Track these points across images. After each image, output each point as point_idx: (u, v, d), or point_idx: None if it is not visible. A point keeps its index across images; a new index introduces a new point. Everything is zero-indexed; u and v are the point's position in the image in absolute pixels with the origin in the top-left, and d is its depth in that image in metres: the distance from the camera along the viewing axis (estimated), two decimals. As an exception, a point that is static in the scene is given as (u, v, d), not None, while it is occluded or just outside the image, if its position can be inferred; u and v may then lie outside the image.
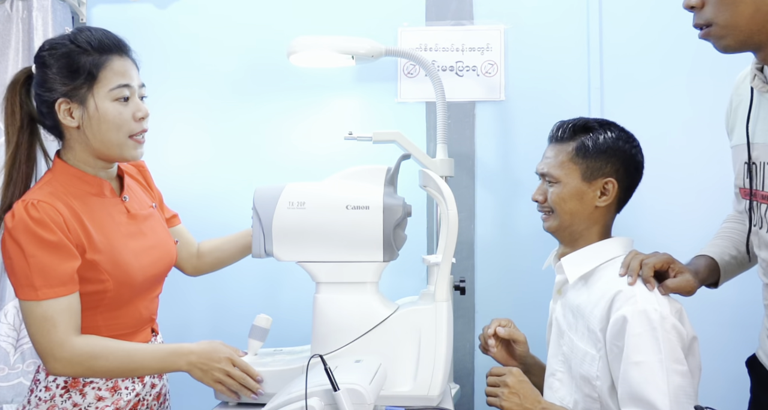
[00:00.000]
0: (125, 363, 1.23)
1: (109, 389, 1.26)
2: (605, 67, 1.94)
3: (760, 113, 1.15)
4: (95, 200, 1.28)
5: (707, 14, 1.06)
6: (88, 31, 1.26)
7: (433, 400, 1.34)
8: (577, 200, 1.35)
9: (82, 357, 1.19)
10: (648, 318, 1.19)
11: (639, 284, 1.25)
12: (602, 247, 1.36)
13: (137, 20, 2.02)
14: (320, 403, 1.10)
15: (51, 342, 1.18)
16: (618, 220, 1.42)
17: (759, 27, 1.04)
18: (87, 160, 1.28)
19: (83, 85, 1.23)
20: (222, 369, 1.28)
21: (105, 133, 1.24)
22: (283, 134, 2.01)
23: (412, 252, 1.65)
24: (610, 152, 1.35)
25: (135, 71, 1.29)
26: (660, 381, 1.16)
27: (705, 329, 1.81)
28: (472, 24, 1.98)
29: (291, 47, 1.72)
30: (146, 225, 1.36)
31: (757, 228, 1.18)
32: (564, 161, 1.37)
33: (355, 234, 1.34)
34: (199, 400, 1.54)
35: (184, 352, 1.27)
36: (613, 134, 1.37)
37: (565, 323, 1.38)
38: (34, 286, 1.16)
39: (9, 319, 1.86)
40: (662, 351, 1.17)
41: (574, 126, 1.39)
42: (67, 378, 1.24)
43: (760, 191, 1.14)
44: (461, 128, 1.97)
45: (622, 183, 1.36)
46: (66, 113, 1.24)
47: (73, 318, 1.20)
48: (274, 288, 1.94)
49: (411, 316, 1.36)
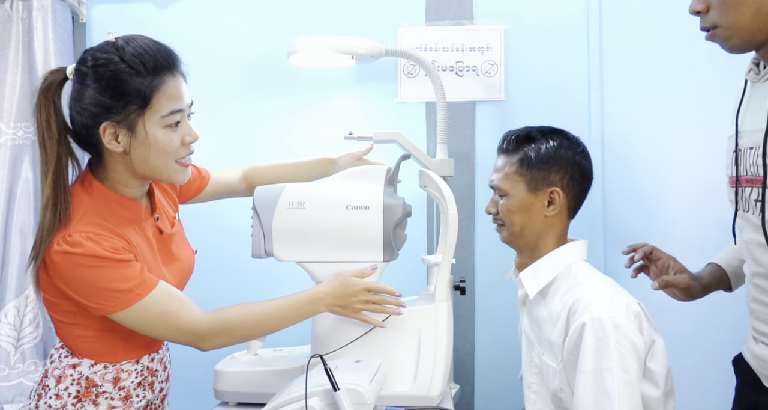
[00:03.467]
0: (265, 321, 1.24)
1: (121, 398, 1.23)
2: (605, 67, 1.94)
3: (750, 102, 1.19)
4: (134, 226, 1.22)
5: (712, 18, 1.12)
6: (139, 47, 1.15)
7: (433, 400, 1.34)
8: (525, 212, 1.36)
9: (222, 327, 1.19)
10: (602, 326, 1.18)
11: (593, 293, 1.24)
12: (557, 255, 1.35)
13: (137, 20, 2.03)
14: (320, 403, 1.10)
15: (185, 329, 1.17)
16: (617, 220, 1.42)
17: (760, 27, 1.09)
18: (127, 181, 1.21)
19: (134, 110, 1.13)
20: (360, 300, 1.28)
21: (153, 159, 1.17)
22: (283, 133, 2.02)
23: (412, 252, 1.65)
24: (552, 161, 1.35)
25: (185, 87, 1.20)
26: (611, 389, 1.15)
27: (694, 328, 1.83)
28: (472, 24, 1.98)
29: (291, 47, 1.72)
30: (174, 244, 1.33)
31: (742, 212, 1.19)
32: (510, 173, 1.38)
33: (355, 234, 1.34)
34: (200, 400, 1.54)
35: (319, 297, 1.27)
36: (555, 142, 1.37)
37: (533, 335, 1.38)
38: (129, 290, 1.12)
39: (9, 319, 1.86)
40: (612, 360, 1.16)
41: (518, 137, 1.40)
42: (80, 387, 1.20)
43: (744, 176, 1.16)
44: (461, 128, 1.97)
45: (569, 191, 1.36)
46: (111, 137, 1.15)
47: (183, 298, 1.18)
48: (274, 288, 1.94)
49: (411, 316, 1.36)
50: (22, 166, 1.92)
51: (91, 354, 1.21)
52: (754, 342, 1.22)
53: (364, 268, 1.33)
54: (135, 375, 1.24)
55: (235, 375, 1.40)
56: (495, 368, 1.94)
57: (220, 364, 1.44)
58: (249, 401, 1.38)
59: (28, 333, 1.88)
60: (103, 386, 1.21)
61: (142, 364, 1.25)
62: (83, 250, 1.10)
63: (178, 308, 1.17)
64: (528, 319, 1.41)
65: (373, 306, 1.30)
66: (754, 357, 1.21)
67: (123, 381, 1.23)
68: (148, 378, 1.27)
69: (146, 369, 1.26)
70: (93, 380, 1.21)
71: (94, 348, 1.20)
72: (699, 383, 1.46)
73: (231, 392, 1.40)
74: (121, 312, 1.13)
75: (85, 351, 1.21)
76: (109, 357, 1.21)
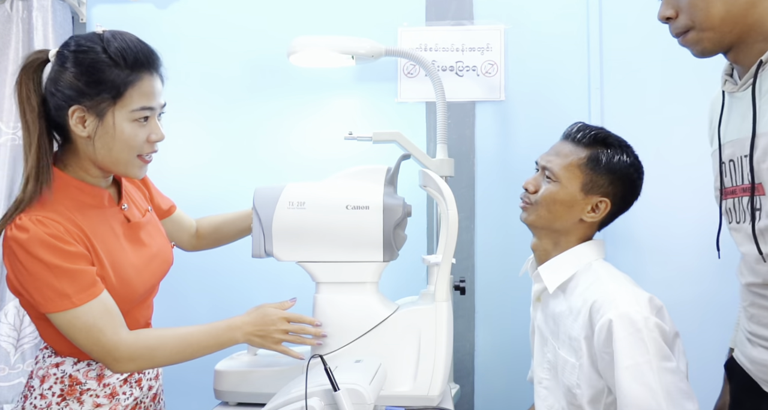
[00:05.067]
0: (183, 348, 1.23)
1: (107, 395, 1.24)
2: (605, 67, 1.94)
3: (731, 114, 1.18)
4: (95, 212, 1.22)
5: (682, 21, 1.12)
6: (124, 42, 1.17)
7: (433, 400, 1.33)
8: (567, 207, 1.34)
9: (141, 351, 1.18)
10: (631, 320, 1.18)
11: (616, 289, 1.24)
12: (578, 252, 1.35)
13: (137, 20, 2.03)
14: (320, 403, 1.10)
15: (105, 346, 1.15)
16: (617, 220, 1.42)
17: (730, 28, 1.09)
18: (88, 169, 1.22)
19: (106, 99, 1.15)
20: (279, 329, 1.28)
21: (116, 151, 1.18)
22: (283, 134, 2.02)
23: (412, 252, 1.65)
24: (618, 173, 1.34)
25: (161, 88, 1.22)
26: (652, 381, 1.16)
27: (696, 328, 1.83)
28: (472, 24, 1.98)
29: (291, 47, 1.72)
30: (145, 233, 1.33)
31: (740, 224, 1.16)
32: (572, 164, 1.34)
33: (355, 234, 1.34)
34: (199, 400, 1.54)
35: (238, 325, 1.27)
36: (629, 159, 1.35)
37: (547, 330, 1.38)
38: (66, 294, 1.12)
39: (9, 319, 1.86)
40: (650, 352, 1.17)
41: (596, 135, 1.36)
42: (63, 386, 1.21)
43: (740, 186, 1.14)
44: (461, 128, 1.97)
45: (614, 207, 1.36)
46: (78, 121, 1.16)
47: (116, 315, 1.18)
48: (274, 288, 1.94)
49: (411, 316, 1.36)
50: (23, 166, 1.91)
51: (73, 352, 1.22)
52: (750, 346, 1.19)
53: (284, 301, 1.35)
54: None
55: (235, 375, 1.40)
56: (495, 368, 1.94)
57: (220, 364, 1.44)
58: (249, 401, 1.38)
59: (28, 333, 1.89)
60: (86, 383, 1.22)
61: None
62: (28, 235, 1.11)
63: (106, 325, 1.16)
64: (543, 314, 1.41)
65: (293, 336, 1.30)
66: (752, 362, 1.19)
67: (107, 378, 1.24)
68: (135, 375, 1.28)
69: None
70: (76, 378, 1.22)
71: (73, 344, 1.20)
72: (699, 383, 1.46)
73: (231, 392, 1.40)
74: (53, 314, 1.14)
75: (66, 349, 1.22)
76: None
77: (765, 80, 1.07)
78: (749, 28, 1.08)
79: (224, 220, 1.57)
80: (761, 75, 1.08)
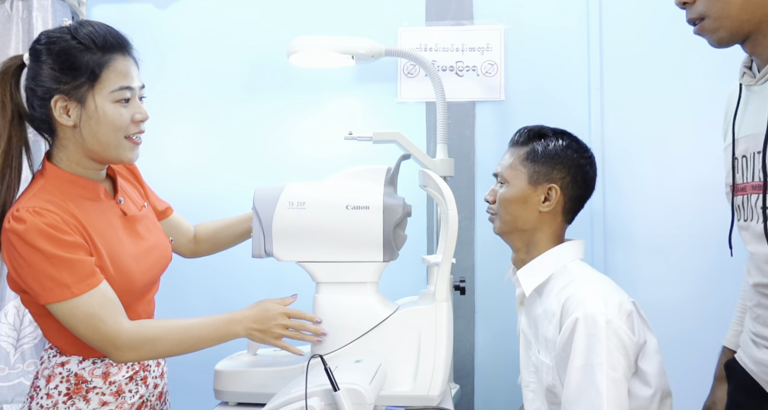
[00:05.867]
0: (184, 340, 1.23)
1: (113, 393, 1.24)
2: (605, 67, 1.94)
3: (747, 108, 1.16)
4: (91, 204, 1.23)
5: (700, 8, 1.11)
6: (91, 26, 1.20)
7: (433, 400, 1.33)
8: (521, 203, 1.38)
9: (142, 341, 1.18)
10: (594, 322, 1.19)
11: (588, 289, 1.25)
12: (553, 254, 1.37)
13: (137, 20, 2.03)
14: (320, 403, 1.10)
15: (106, 335, 1.15)
16: (617, 220, 1.42)
17: (749, 16, 1.07)
18: (80, 161, 1.23)
19: (84, 84, 1.17)
20: (279, 324, 1.29)
21: (103, 134, 1.20)
22: (283, 134, 2.02)
23: (412, 252, 1.65)
24: (557, 158, 1.38)
25: (136, 71, 1.25)
26: (599, 382, 1.17)
27: (695, 327, 1.83)
28: (472, 24, 1.98)
29: (291, 47, 1.72)
30: (142, 226, 1.33)
31: (747, 222, 1.13)
32: (515, 163, 1.41)
33: (355, 234, 1.34)
34: (199, 400, 1.54)
35: (239, 319, 1.28)
36: (564, 142, 1.40)
37: (530, 333, 1.39)
38: (66, 284, 1.12)
39: (9, 319, 1.87)
40: (602, 355, 1.17)
41: (530, 131, 1.43)
42: (69, 384, 1.21)
43: (750, 183, 1.12)
44: (461, 128, 1.97)
45: (567, 191, 1.38)
46: (62, 111, 1.18)
47: (115, 305, 1.18)
48: (274, 288, 1.94)
49: (411, 316, 1.36)
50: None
51: (78, 350, 1.22)
52: (755, 347, 1.17)
53: (285, 297, 1.35)
54: (126, 370, 1.25)
55: (235, 375, 1.40)
56: (495, 368, 1.94)
57: (220, 364, 1.44)
58: (249, 401, 1.38)
59: (28, 333, 1.89)
60: (92, 381, 1.22)
61: None
62: (25, 226, 1.11)
63: (107, 315, 1.16)
64: (526, 318, 1.42)
65: (292, 333, 1.31)
66: (756, 363, 1.16)
67: (113, 376, 1.24)
68: (140, 373, 1.28)
69: (137, 362, 1.27)
70: (82, 376, 1.22)
71: (79, 343, 1.20)
72: (699, 383, 1.46)
73: (231, 392, 1.40)
74: (53, 304, 1.14)
75: (71, 347, 1.22)
76: (97, 352, 1.22)
77: None
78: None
79: (223, 225, 1.57)
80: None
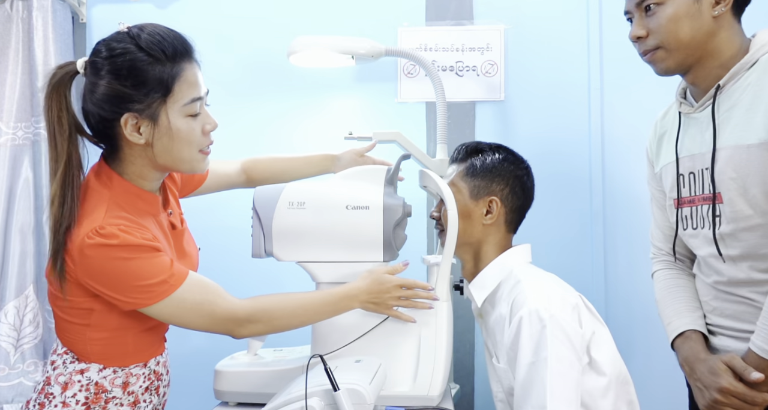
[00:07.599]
0: (300, 313, 1.25)
1: (130, 404, 1.20)
2: (605, 67, 1.94)
3: (687, 131, 1.31)
4: (151, 219, 1.20)
5: (650, 42, 1.25)
6: (156, 34, 1.13)
7: (433, 400, 1.34)
8: (465, 218, 1.39)
9: (260, 314, 1.20)
10: (539, 317, 1.20)
11: (531, 288, 1.26)
12: (500, 262, 1.38)
13: (137, 20, 2.00)
14: (320, 403, 1.10)
15: (223, 316, 1.16)
16: (617, 219, 1.42)
17: (693, 51, 1.23)
18: (146, 174, 1.18)
19: (156, 99, 1.10)
20: (393, 296, 1.30)
21: (176, 151, 1.15)
22: (283, 134, 2.02)
23: (412, 252, 1.65)
24: (495, 172, 1.41)
25: (202, 76, 1.18)
26: (544, 377, 1.17)
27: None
28: (472, 24, 1.98)
29: (291, 47, 1.72)
30: (185, 240, 1.32)
31: (697, 230, 1.27)
32: (455, 180, 1.43)
33: (355, 234, 1.34)
34: (199, 400, 1.54)
35: (354, 293, 1.28)
36: (500, 155, 1.43)
37: (491, 344, 1.40)
38: (164, 281, 1.10)
39: (9, 319, 1.86)
40: (547, 349, 1.18)
41: (467, 148, 1.47)
42: (89, 393, 1.16)
43: (699, 195, 1.26)
44: (461, 128, 1.97)
45: (508, 203, 1.41)
46: (133, 129, 1.11)
47: (215, 286, 1.18)
48: (274, 288, 1.94)
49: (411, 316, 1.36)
50: (22, 166, 1.92)
51: (100, 358, 1.18)
52: (712, 336, 1.28)
53: (396, 265, 1.35)
54: (143, 380, 1.22)
55: (235, 375, 1.40)
56: (495, 368, 1.94)
57: (220, 364, 1.44)
58: (249, 401, 1.38)
59: (28, 333, 1.88)
60: (112, 391, 1.18)
61: (150, 368, 1.23)
62: (119, 241, 1.08)
63: (214, 296, 1.16)
64: (485, 330, 1.43)
65: (405, 302, 1.32)
66: (716, 351, 1.26)
67: (132, 386, 1.20)
68: (155, 383, 1.26)
69: (153, 373, 1.25)
70: (102, 385, 1.17)
71: (104, 351, 1.17)
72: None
73: (231, 392, 1.40)
74: (155, 305, 1.12)
75: (94, 355, 1.17)
76: (119, 361, 1.19)
77: (722, 102, 1.22)
78: (708, 53, 1.22)
79: (282, 168, 1.55)
80: (719, 98, 1.22)
